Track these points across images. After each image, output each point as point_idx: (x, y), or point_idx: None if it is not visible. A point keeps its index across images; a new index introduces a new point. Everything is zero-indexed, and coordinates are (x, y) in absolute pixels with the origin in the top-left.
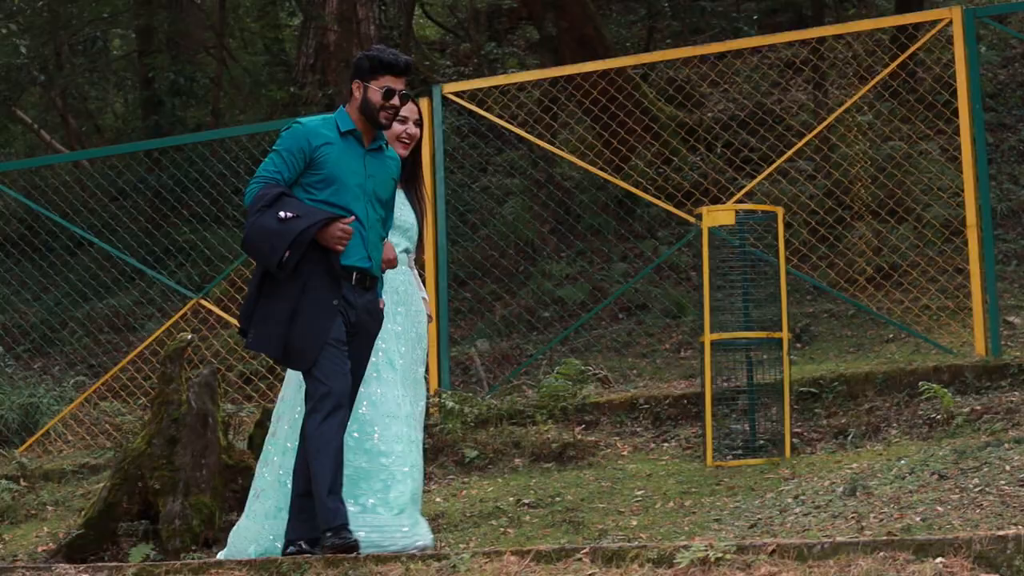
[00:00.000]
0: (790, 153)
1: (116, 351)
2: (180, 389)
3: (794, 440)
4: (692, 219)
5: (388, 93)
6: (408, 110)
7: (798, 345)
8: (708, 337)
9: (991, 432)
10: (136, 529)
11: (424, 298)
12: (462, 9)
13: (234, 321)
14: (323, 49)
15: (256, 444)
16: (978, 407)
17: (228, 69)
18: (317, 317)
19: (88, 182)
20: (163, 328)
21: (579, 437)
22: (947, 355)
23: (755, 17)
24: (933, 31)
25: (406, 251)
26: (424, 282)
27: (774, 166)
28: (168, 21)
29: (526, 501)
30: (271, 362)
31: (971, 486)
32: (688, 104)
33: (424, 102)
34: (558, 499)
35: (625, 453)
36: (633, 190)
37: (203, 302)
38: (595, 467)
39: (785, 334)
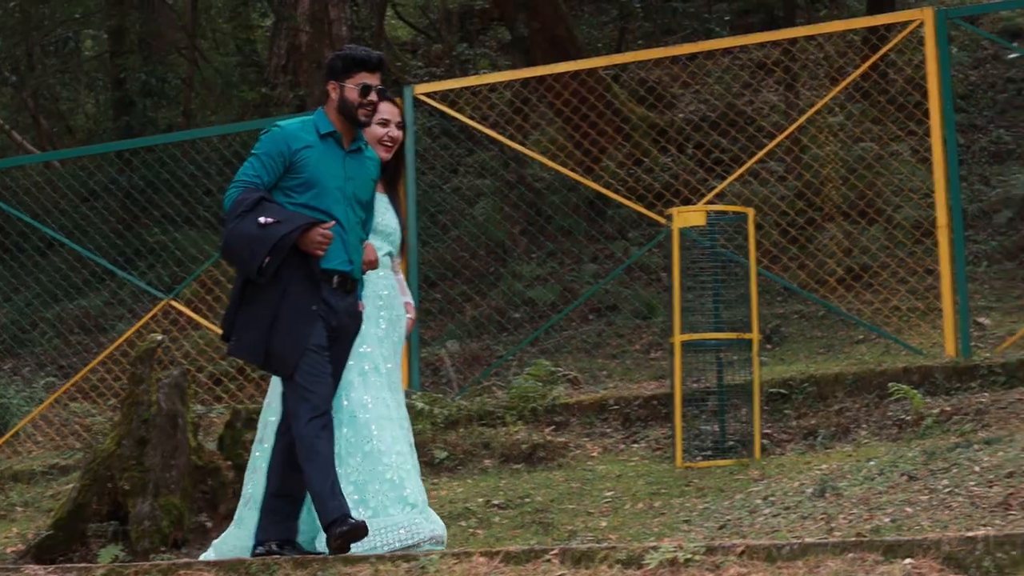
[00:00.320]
0: (761, 154)
1: (86, 352)
2: (150, 390)
3: (764, 441)
4: (663, 220)
5: (365, 89)
6: (390, 112)
7: (768, 346)
8: (678, 338)
9: (961, 433)
10: (105, 530)
11: (408, 302)
12: (434, 10)
13: (204, 322)
14: (295, 50)
15: (226, 445)
16: (948, 408)
17: (200, 70)
18: (297, 322)
19: (59, 183)
20: (133, 329)
21: (549, 438)
22: (917, 356)
23: (727, 18)
24: (904, 32)
25: (389, 255)
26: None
27: (745, 167)
28: (140, 22)
29: (496, 502)
30: (241, 364)
31: (940, 487)
32: (659, 105)
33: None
34: (527, 500)
35: (595, 454)
36: (604, 191)
37: (174, 303)
38: (565, 468)
39: (755, 335)
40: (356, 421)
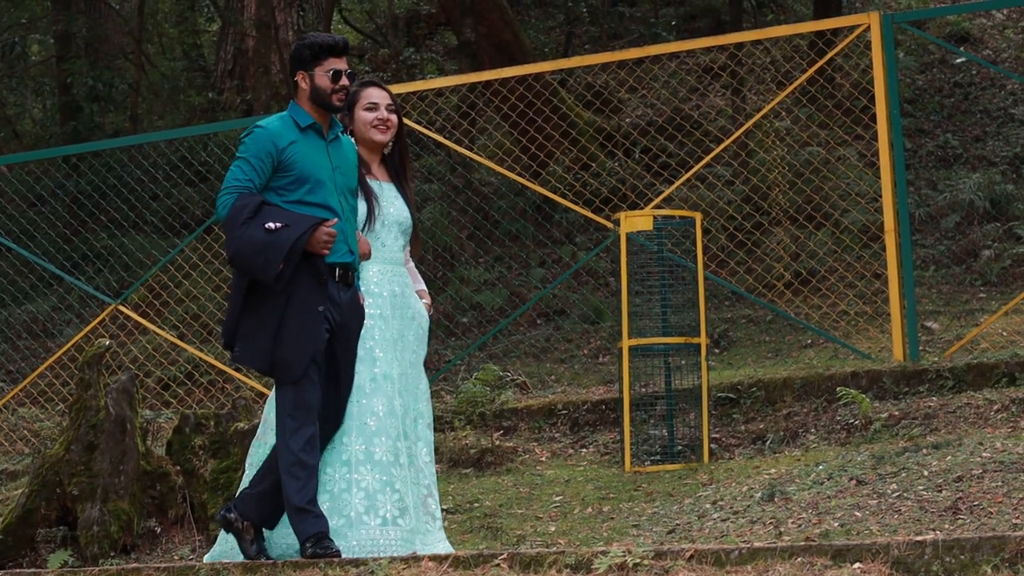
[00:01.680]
0: (708, 159)
1: (34, 357)
2: (98, 395)
3: (712, 446)
4: (610, 225)
5: (336, 75)
6: (379, 96)
7: (716, 351)
8: (626, 343)
9: (909, 437)
10: (54, 535)
11: (421, 288)
12: (381, 15)
13: (152, 327)
14: (242, 55)
15: (175, 450)
16: (896, 412)
17: (147, 75)
18: (304, 327)
19: (6, 188)
20: (81, 334)
21: (497, 443)
22: (865, 360)
23: (673, 23)
24: (851, 36)
25: (403, 248)
26: None
27: (692, 171)
28: (86, 27)
29: (444, 507)
30: (190, 368)
31: (889, 491)
32: (606, 110)
33: None
34: (476, 505)
35: (543, 459)
36: (551, 196)
37: (121, 308)
38: (513, 473)
39: (703, 340)
40: (367, 430)
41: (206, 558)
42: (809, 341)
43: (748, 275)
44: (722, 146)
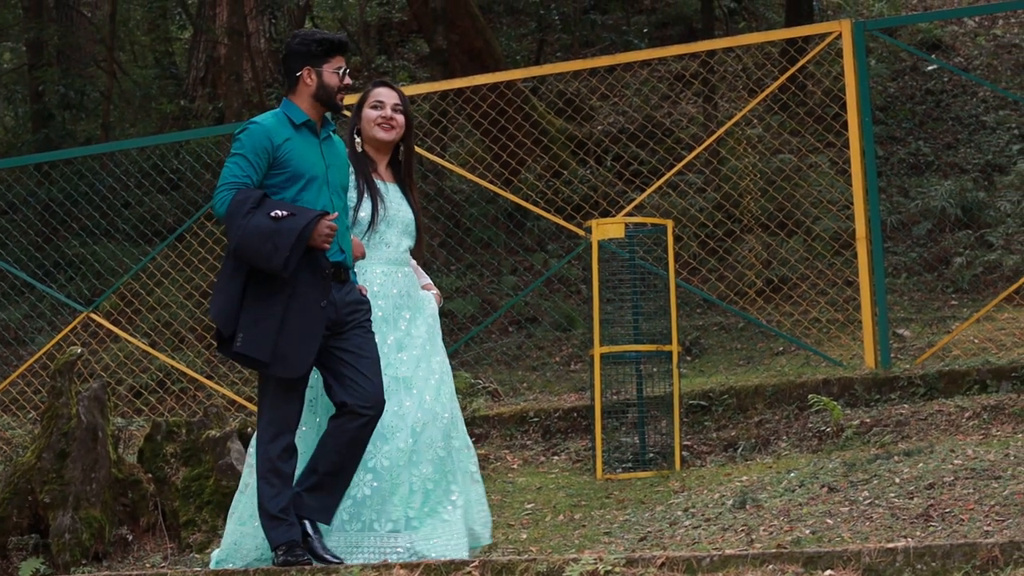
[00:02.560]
0: (680, 166)
1: (6, 365)
2: (70, 403)
3: (684, 453)
4: (582, 232)
5: (344, 73)
6: (386, 95)
7: (688, 358)
8: (598, 350)
9: (881, 444)
10: (26, 543)
11: (427, 283)
12: (352, 22)
13: (124, 334)
14: (213, 62)
15: (146, 458)
16: (868, 419)
17: (118, 82)
18: (307, 323)
19: None
20: (53, 342)
21: None
22: (837, 368)
23: (645, 30)
24: (823, 44)
25: (408, 249)
26: None
27: (664, 179)
28: (58, 34)
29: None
30: (161, 376)
31: (861, 498)
32: (578, 117)
33: None
34: None
35: (515, 466)
36: (523, 203)
37: (93, 316)
38: (485, 480)
39: (675, 347)
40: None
41: (214, 556)
42: (781, 348)
43: (720, 282)
44: (694, 153)
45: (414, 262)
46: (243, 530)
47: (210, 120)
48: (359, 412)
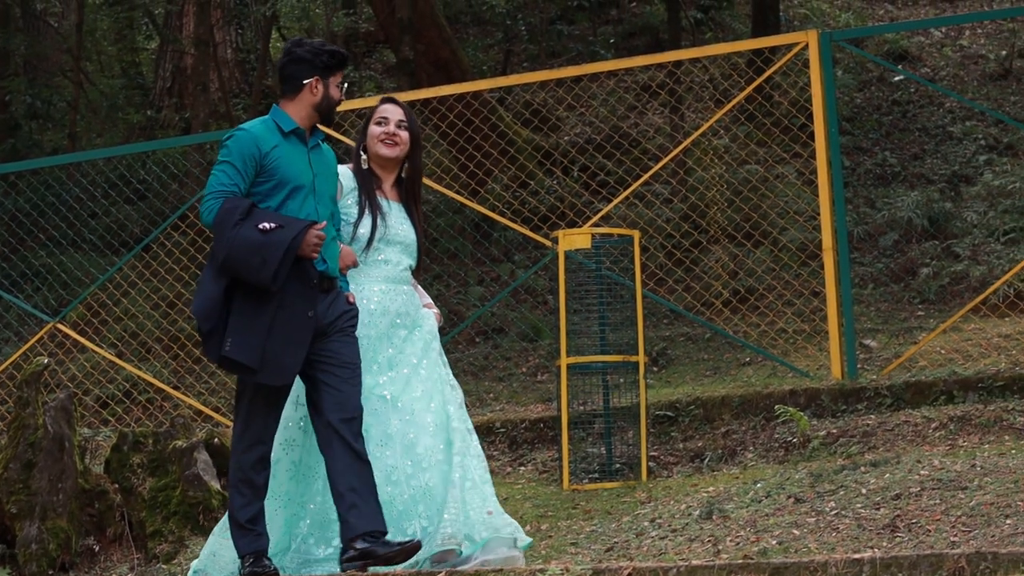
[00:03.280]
0: (646, 177)
1: None
2: (37, 413)
3: (651, 463)
4: (548, 243)
5: (344, 89)
6: (391, 111)
7: (655, 368)
8: (564, 361)
9: (847, 455)
10: None
11: (428, 302)
12: (319, 33)
13: (91, 345)
14: (180, 72)
15: (113, 468)
16: (834, 430)
17: (85, 92)
18: (295, 332)
19: None
20: (20, 352)
21: None
22: (803, 378)
23: (612, 41)
24: (789, 55)
25: (408, 268)
26: None
27: (630, 189)
28: (25, 44)
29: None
30: (128, 386)
31: (827, 509)
32: (544, 128)
33: None
34: None
35: None
36: (490, 214)
37: (60, 326)
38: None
39: (641, 357)
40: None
41: (192, 565)
42: (747, 359)
43: (686, 293)
44: (660, 164)
45: (414, 281)
46: (222, 541)
47: (177, 130)
48: (337, 427)
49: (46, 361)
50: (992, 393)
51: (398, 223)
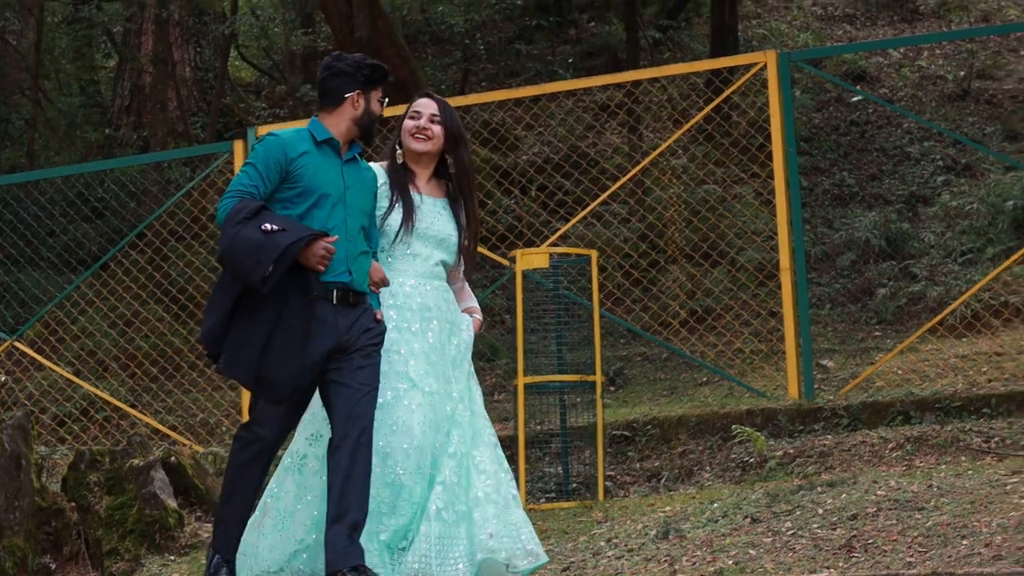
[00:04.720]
0: (604, 196)
1: None
2: None
3: (607, 483)
4: (506, 262)
5: (384, 105)
6: (424, 105)
7: (612, 388)
8: (522, 380)
9: (804, 475)
10: None
11: (471, 306)
12: (277, 51)
13: (48, 363)
14: (138, 91)
15: (70, 487)
16: (791, 450)
17: (43, 110)
18: (289, 347)
19: None
20: None
21: None
22: (760, 398)
23: (570, 60)
24: (748, 75)
25: (442, 263)
26: None
27: (588, 209)
28: None
29: None
30: (85, 404)
31: (784, 529)
32: (503, 147)
33: (239, 144)
34: None
35: None
36: None
37: (17, 344)
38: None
39: (599, 377)
40: (380, 450)
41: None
42: (704, 379)
43: (644, 313)
44: (618, 183)
45: (462, 284)
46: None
47: (135, 148)
48: (339, 446)
49: (3, 379)
50: (949, 413)
51: (430, 218)
